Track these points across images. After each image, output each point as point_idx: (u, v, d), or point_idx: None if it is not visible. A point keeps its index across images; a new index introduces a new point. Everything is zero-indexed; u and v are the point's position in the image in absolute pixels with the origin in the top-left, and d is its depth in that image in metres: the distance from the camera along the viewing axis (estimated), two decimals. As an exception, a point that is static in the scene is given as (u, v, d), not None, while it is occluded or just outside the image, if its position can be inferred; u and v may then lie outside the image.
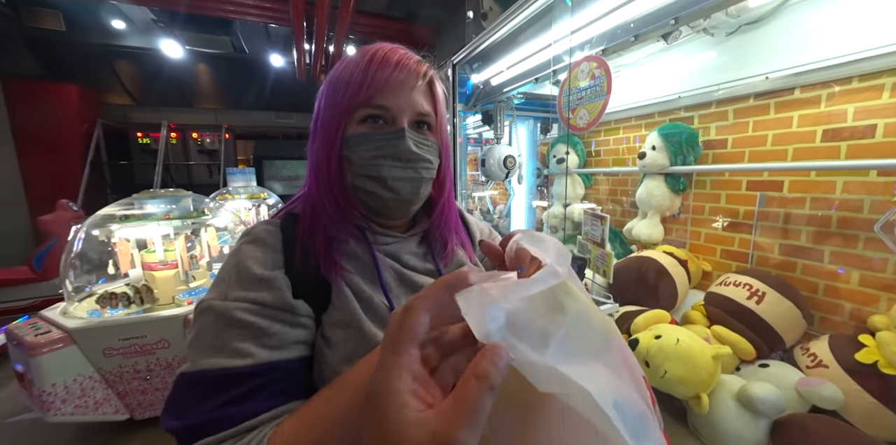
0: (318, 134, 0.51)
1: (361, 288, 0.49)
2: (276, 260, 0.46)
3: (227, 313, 0.42)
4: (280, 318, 0.44)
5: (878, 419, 0.81)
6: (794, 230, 1.11)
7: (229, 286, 0.44)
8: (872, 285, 0.97)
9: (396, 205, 0.51)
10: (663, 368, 0.89)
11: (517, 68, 1.43)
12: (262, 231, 0.49)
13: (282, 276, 0.45)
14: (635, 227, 1.43)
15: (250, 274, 0.44)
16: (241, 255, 0.46)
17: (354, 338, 0.46)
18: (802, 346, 0.98)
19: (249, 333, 0.41)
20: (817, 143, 1.05)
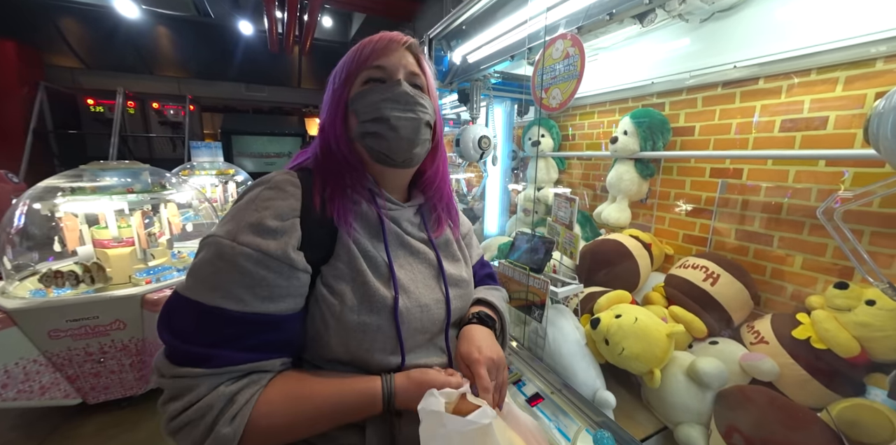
0: (328, 105, 0.58)
1: (367, 247, 0.54)
2: (293, 207, 0.50)
3: (230, 256, 0.45)
4: (278, 270, 0.46)
5: (806, 389, 0.88)
6: (749, 216, 1.16)
7: (240, 228, 0.46)
8: (812, 268, 1.04)
9: (399, 144, 0.55)
10: (621, 346, 0.92)
11: (494, 45, 1.40)
12: (283, 179, 0.52)
13: (295, 225, 0.49)
14: (604, 211, 1.47)
15: (262, 223, 0.47)
16: (259, 200, 0.49)
17: (361, 291, 0.51)
18: (748, 325, 1.04)
19: (246, 281, 0.45)
20: (776, 133, 1.09)
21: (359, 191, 0.57)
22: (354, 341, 0.50)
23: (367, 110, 0.54)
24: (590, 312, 1.12)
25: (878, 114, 0.60)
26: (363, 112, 0.55)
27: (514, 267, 1.16)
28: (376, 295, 0.51)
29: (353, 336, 0.50)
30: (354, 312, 0.50)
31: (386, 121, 0.54)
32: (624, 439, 0.81)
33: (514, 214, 2.06)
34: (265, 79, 6.27)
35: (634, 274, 1.24)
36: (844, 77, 0.97)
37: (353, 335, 0.50)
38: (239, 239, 0.45)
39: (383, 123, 0.54)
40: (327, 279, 0.51)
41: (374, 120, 0.54)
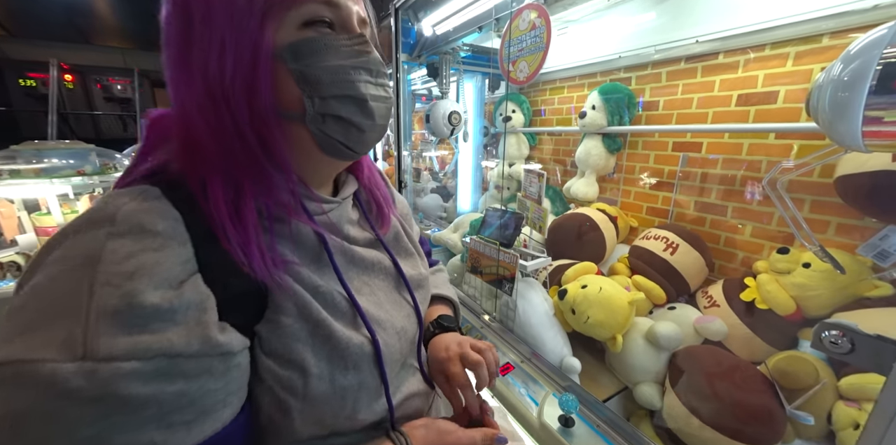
0: (215, 53, 0.32)
1: (314, 282, 0.37)
2: (182, 257, 0.30)
3: (103, 387, 0.24)
4: (203, 370, 0.28)
5: (750, 345, 0.97)
6: (707, 188, 1.22)
7: (89, 327, 0.25)
8: (760, 236, 1.11)
9: (371, 135, 0.39)
10: (587, 314, 0.97)
11: (462, 15, 1.34)
12: (137, 211, 0.29)
13: (198, 286, 0.30)
14: (573, 186, 1.50)
15: (137, 303, 0.26)
16: (107, 263, 0.27)
17: (327, 349, 0.36)
18: (703, 290, 1.12)
19: (151, 415, 0.26)
20: (732, 107, 1.13)
21: (278, 200, 0.37)
22: (331, 412, 0.37)
23: (330, 79, 0.35)
24: (558, 284, 1.16)
25: (818, 86, 0.63)
26: (325, 81, 0.35)
27: (486, 242, 1.18)
28: (350, 347, 0.37)
29: (328, 408, 0.37)
30: (325, 380, 0.36)
31: (363, 102, 0.37)
32: (588, 400, 0.87)
33: (486, 191, 2.07)
34: None
35: (601, 247, 1.29)
36: (794, 52, 1.00)
37: (328, 407, 0.37)
38: (98, 349, 0.25)
39: (357, 104, 0.37)
40: (270, 345, 0.34)
41: (345, 98, 0.36)
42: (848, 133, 0.59)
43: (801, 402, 0.77)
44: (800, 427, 0.81)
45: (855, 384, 0.77)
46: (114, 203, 0.30)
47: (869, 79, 0.54)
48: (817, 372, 0.80)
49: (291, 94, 0.35)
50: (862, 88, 0.55)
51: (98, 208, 0.30)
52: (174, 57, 0.34)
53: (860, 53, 0.57)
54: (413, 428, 0.42)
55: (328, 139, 0.38)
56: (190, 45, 0.33)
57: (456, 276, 1.58)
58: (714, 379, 0.81)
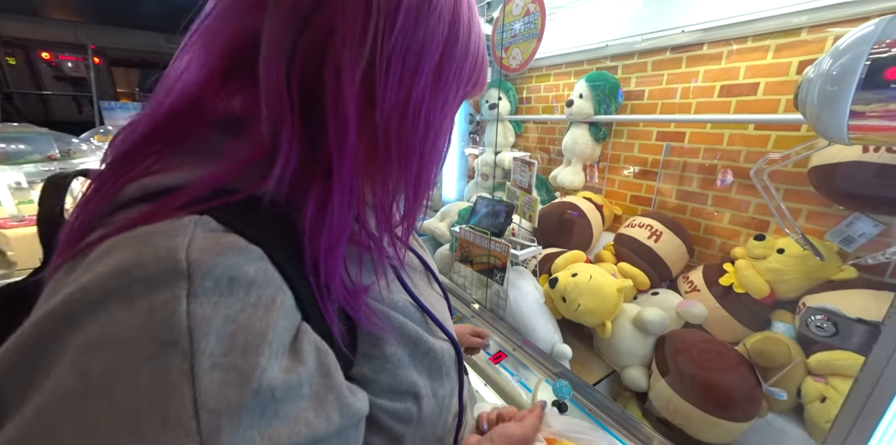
0: (442, 92, 0.29)
1: (392, 299, 0.34)
2: (288, 307, 0.22)
3: None
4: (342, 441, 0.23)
5: (728, 327, 1.03)
6: (688, 177, 1.26)
7: (206, 437, 0.17)
8: (737, 223, 1.16)
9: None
10: (577, 302, 1.00)
11: None
12: (213, 253, 0.20)
13: (316, 343, 0.23)
14: (559, 175, 1.51)
15: (267, 386, 0.19)
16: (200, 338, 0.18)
17: (426, 364, 0.33)
18: (684, 276, 1.17)
19: None
20: (714, 98, 1.16)
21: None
22: (432, 427, 0.35)
23: (441, 159, 0.35)
24: (548, 272, 1.18)
25: (808, 80, 0.65)
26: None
27: (476, 232, 1.18)
28: (442, 356, 0.35)
29: (432, 423, 0.35)
30: (431, 397, 0.33)
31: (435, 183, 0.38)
32: (579, 385, 0.90)
33: (471, 179, 2.06)
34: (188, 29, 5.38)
35: (588, 235, 1.31)
36: (774, 45, 1.03)
37: (432, 422, 0.34)
38: None
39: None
40: (380, 385, 0.29)
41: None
42: (833, 126, 0.61)
43: (776, 379, 0.83)
44: (773, 402, 0.86)
45: (823, 360, 0.83)
46: (167, 247, 0.19)
47: (857, 74, 0.56)
48: (790, 351, 0.85)
49: None
50: (850, 83, 0.57)
51: (141, 258, 0.19)
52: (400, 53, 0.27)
53: (849, 48, 0.58)
54: None
55: None
56: (437, 93, 0.29)
57: (444, 266, 1.58)
58: (697, 361, 0.86)
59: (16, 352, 0.18)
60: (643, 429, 0.80)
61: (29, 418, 0.16)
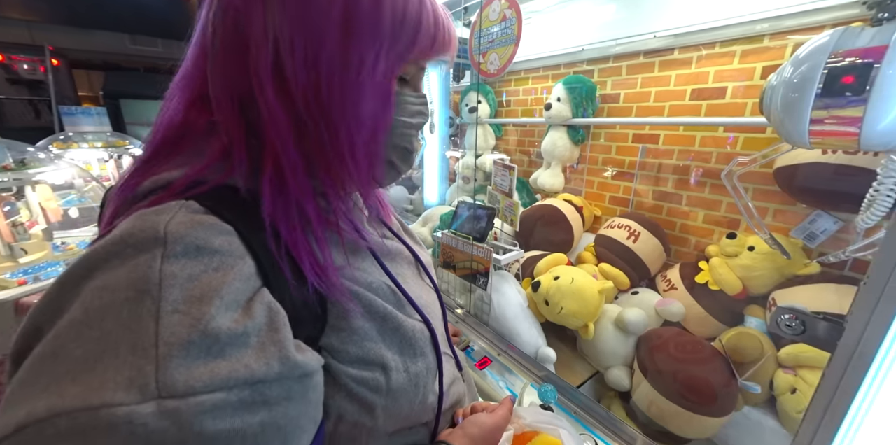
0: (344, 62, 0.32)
1: (366, 278, 0.38)
2: (245, 274, 0.28)
3: (188, 427, 0.22)
4: (284, 396, 0.26)
5: (704, 324, 1.06)
6: (663, 178, 1.29)
7: (161, 360, 0.22)
8: (710, 222, 1.20)
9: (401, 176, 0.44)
10: (560, 305, 1.01)
11: (426, 1, 1.29)
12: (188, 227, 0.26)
13: (269, 304, 0.28)
14: (540, 177, 1.53)
15: (213, 329, 0.24)
16: (167, 288, 0.24)
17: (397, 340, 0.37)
18: (662, 274, 1.20)
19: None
20: (686, 101, 1.19)
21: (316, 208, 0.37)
22: (408, 402, 0.38)
23: (403, 130, 0.38)
24: (530, 276, 1.19)
25: (772, 87, 0.68)
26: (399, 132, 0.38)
27: (458, 237, 1.17)
28: (413, 334, 0.38)
29: (406, 398, 0.38)
30: (402, 371, 0.36)
31: (410, 154, 0.41)
32: (563, 387, 0.91)
33: (453, 182, 2.06)
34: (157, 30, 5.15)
35: (569, 237, 1.33)
36: (740, 51, 1.07)
37: (406, 397, 0.37)
38: (176, 384, 0.22)
39: (406, 155, 0.41)
40: (348, 354, 0.33)
41: (403, 148, 0.40)
42: (795, 131, 0.64)
43: (751, 373, 0.86)
44: (748, 396, 0.90)
45: (791, 353, 0.87)
46: (153, 222, 0.26)
47: (816, 82, 0.59)
48: (762, 346, 0.89)
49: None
50: (810, 90, 0.60)
51: (134, 229, 0.26)
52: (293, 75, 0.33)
53: (808, 58, 0.61)
54: (453, 438, 0.43)
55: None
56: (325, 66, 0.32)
57: (428, 270, 1.58)
58: (678, 359, 0.88)
59: (49, 298, 0.26)
60: (627, 430, 0.81)
61: (49, 339, 0.23)
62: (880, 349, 0.47)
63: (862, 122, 0.57)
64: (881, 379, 0.48)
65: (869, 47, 0.56)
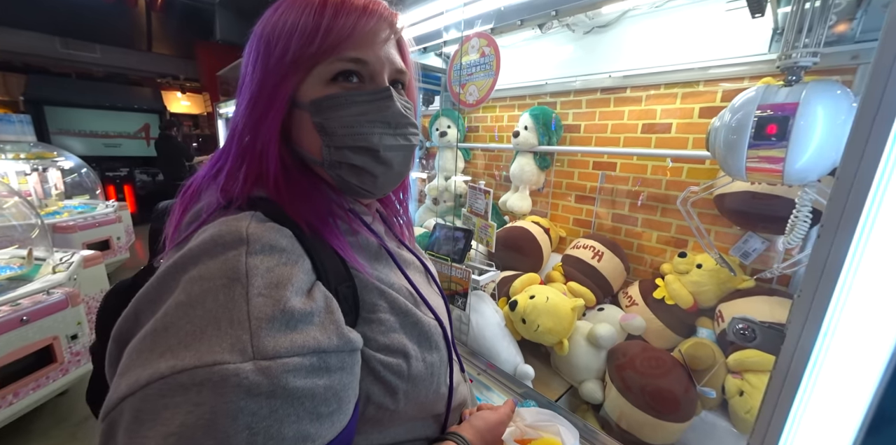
0: (250, 102, 0.40)
1: (389, 279, 0.44)
2: (306, 269, 0.34)
3: (271, 384, 0.27)
4: (340, 365, 0.32)
5: (662, 336, 1.16)
6: (620, 202, 1.42)
7: (254, 332, 0.28)
8: (663, 242, 1.34)
9: (386, 180, 0.44)
10: (537, 323, 1.05)
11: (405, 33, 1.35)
12: (262, 230, 0.33)
13: (324, 292, 0.35)
14: (509, 200, 1.60)
15: (288, 309, 0.30)
16: (253, 277, 0.30)
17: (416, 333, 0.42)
18: (623, 291, 1.30)
19: (308, 408, 0.29)
20: (638, 134, 1.34)
21: (340, 216, 0.43)
22: (425, 389, 0.43)
23: (345, 132, 0.40)
24: (506, 295, 1.24)
25: (715, 128, 0.80)
26: (339, 134, 0.40)
27: (436, 258, 1.20)
28: (430, 329, 0.44)
29: (423, 385, 0.42)
30: (420, 360, 0.42)
31: (374, 152, 0.41)
32: (543, 403, 0.94)
33: (421, 203, 2.10)
34: (95, 34, 4.77)
35: (539, 257, 1.40)
36: (681, 93, 1.24)
37: (423, 384, 0.42)
38: (266, 349, 0.28)
39: (370, 155, 0.41)
40: (377, 342, 0.39)
41: (358, 149, 0.40)
42: (735, 166, 0.75)
43: (706, 380, 0.95)
44: (704, 400, 0.99)
45: (738, 359, 0.97)
46: (236, 226, 0.33)
47: (749, 128, 0.71)
48: (715, 354, 0.99)
49: (314, 142, 0.41)
50: (745, 134, 0.71)
51: (222, 232, 0.33)
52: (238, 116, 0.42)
53: (741, 107, 0.73)
54: (462, 429, 0.48)
55: (345, 182, 0.43)
56: (246, 107, 0.41)
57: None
58: (645, 371, 0.95)
59: (150, 289, 0.32)
60: (603, 439, 0.86)
61: (159, 317, 0.29)
62: (813, 349, 0.56)
63: (784, 162, 0.70)
64: (817, 374, 0.56)
65: (785, 103, 0.69)
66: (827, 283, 0.52)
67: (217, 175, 0.41)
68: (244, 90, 0.41)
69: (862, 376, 0.56)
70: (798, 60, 0.70)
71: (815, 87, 0.68)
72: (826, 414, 0.58)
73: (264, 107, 0.39)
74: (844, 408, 0.57)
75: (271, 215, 0.36)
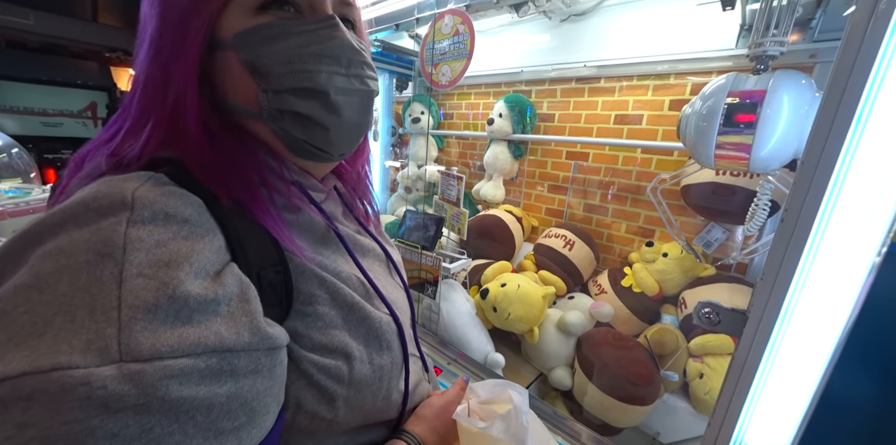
0: (152, 44, 0.32)
1: (336, 267, 0.37)
2: (216, 246, 0.27)
3: (150, 392, 0.21)
4: (253, 368, 0.26)
5: (629, 323, 1.18)
6: (591, 192, 1.43)
7: (124, 323, 0.21)
8: (631, 232, 1.36)
9: (339, 134, 0.36)
10: (508, 311, 1.04)
11: (377, 10, 1.29)
12: (157, 194, 0.26)
13: (239, 276, 0.28)
14: (482, 188, 1.58)
15: (181, 294, 0.23)
16: (132, 252, 0.23)
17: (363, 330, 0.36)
18: (593, 280, 1.32)
19: (202, 423, 0.22)
20: (611, 125, 1.35)
21: (278, 188, 0.35)
22: (371, 395, 0.37)
23: (284, 69, 0.32)
24: (477, 283, 1.22)
25: (686, 116, 0.80)
26: (276, 72, 0.32)
27: (406, 246, 1.16)
28: (380, 325, 0.38)
29: (369, 390, 0.37)
30: (366, 362, 0.36)
31: (323, 95, 0.33)
32: (514, 389, 0.93)
33: (394, 192, 2.04)
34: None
35: (511, 245, 1.40)
36: (652, 85, 1.25)
37: (369, 390, 0.37)
38: (139, 348, 0.21)
39: (317, 99, 0.33)
40: (311, 340, 0.32)
41: (302, 91, 0.33)
42: (704, 153, 0.76)
43: (670, 364, 0.98)
44: (667, 384, 1.02)
45: (699, 343, 1.01)
46: (119, 188, 0.25)
47: (719, 115, 0.71)
48: (678, 339, 1.02)
49: (248, 89, 0.33)
50: (715, 121, 0.72)
51: (97, 194, 0.25)
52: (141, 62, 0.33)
53: (712, 94, 0.74)
54: (410, 424, 0.44)
55: (291, 138, 0.35)
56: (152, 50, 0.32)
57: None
58: (610, 354, 0.96)
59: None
60: (572, 425, 0.86)
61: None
62: (772, 331, 0.58)
63: (751, 149, 0.71)
64: (775, 354, 0.58)
65: (754, 90, 0.70)
66: (789, 265, 0.54)
67: (111, 139, 0.32)
68: (145, 32, 0.33)
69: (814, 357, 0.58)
70: (767, 49, 0.71)
71: (781, 76, 0.69)
72: (781, 392, 0.61)
73: (173, 46, 0.30)
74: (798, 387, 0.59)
75: (178, 179, 0.29)
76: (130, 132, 0.32)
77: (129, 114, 0.33)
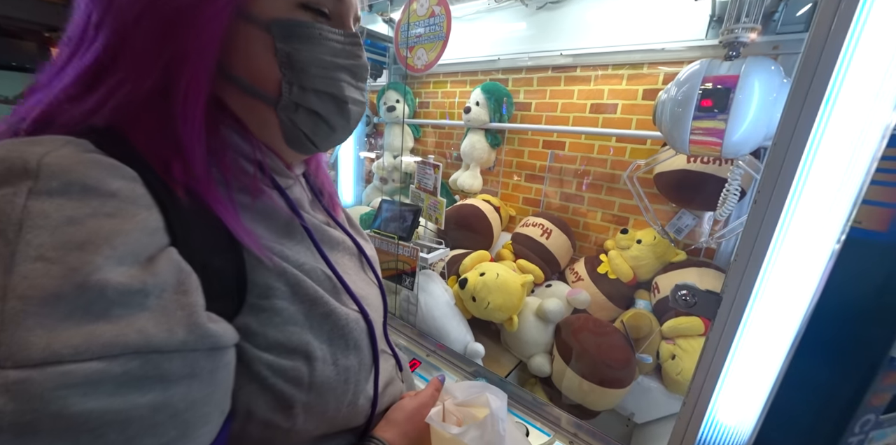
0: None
1: (298, 259, 0.33)
2: (151, 227, 0.23)
3: (40, 406, 0.17)
4: (187, 372, 0.22)
5: (604, 309, 1.20)
6: (568, 181, 1.44)
7: (8, 319, 0.17)
8: (607, 220, 1.38)
9: (338, 136, 0.38)
10: (487, 300, 1.03)
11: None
12: (74, 162, 0.21)
13: (177, 263, 0.24)
14: (460, 178, 1.56)
15: (95, 283, 0.19)
16: (30, 229, 0.19)
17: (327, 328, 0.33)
18: (570, 268, 1.33)
19: (114, 442, 0.18)
20: (587, 114, 1.36)
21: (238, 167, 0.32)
22: (335, 400, 0.34)
23: (318, 73, 0.33)
24: (456, 273, 1.20)
25: (662, 102, 0.81)
26: (312, 73, 0.33)
27: (382, 236, 1.13)
28: (349, 323, 0.35)
29: (332, 395, 0.33)
30: (329, 363, 0.32)
31: (342, 103, 0.35)
32: (493, 380, 0.93)
33: (369, 183, 1.99)
34: None
35: (490, 235, 1.39)
36: (627, 74, 1.26)
37: (332, 394, 0.33)
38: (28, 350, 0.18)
39: (336, 105, 0.35)
40: (266, 338, 0.29)
41: (326, 95, 0.34)
42: (679, 139, 0.77)
43: (644, 347, 1.00)
44: (641, 366, 1.04)
45: (671, 326, 1.03)
46: (21, 152, 0.21)
47: (694, 100, 0.72)
48: (652, 322, 1.04)
49: (270, 74, 0.32)
50: (690, 107, 0.73)
51: (27, 158, 0.20)
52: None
53: (687, 80, 0.74)
54: (379, 430, 0.41)
55: (295, 130, 0.35)
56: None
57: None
58: (588, 339, 0.98)
59: None
60: (552, 411, 0.87)
61: None
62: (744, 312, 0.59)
63: (724, 134, 0.72)
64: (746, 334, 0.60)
65: (727, 75, 0.71)
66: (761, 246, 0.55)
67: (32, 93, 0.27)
68: None
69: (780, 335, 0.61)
70: (739, 35, 0.72)
71: (753, 62, 0.70)
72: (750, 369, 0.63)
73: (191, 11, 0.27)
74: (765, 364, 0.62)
75: (108, 149, 0.24)
76: (68, 94, 0.26)
77: (87, 62, 0.27)
